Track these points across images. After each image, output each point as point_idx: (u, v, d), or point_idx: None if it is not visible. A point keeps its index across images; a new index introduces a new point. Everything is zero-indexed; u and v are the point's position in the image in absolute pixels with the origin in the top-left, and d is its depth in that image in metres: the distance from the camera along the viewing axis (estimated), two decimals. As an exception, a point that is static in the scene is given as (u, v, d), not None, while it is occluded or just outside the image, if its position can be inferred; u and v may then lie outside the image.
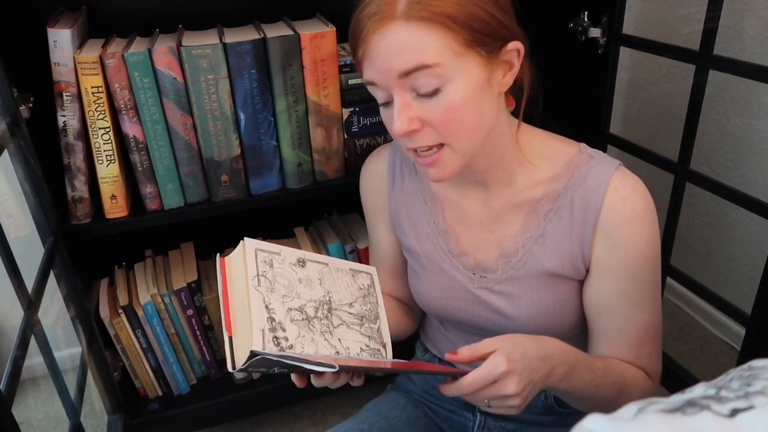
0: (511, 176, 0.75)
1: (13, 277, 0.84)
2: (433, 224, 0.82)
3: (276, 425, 1.37)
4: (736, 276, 1.44)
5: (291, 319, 0.68)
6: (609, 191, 0.70)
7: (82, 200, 0.98)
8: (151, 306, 1.12)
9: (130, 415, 1.18)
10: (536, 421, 0.86)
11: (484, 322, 0.80)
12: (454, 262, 0.80)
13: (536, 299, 0.75)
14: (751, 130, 1.31)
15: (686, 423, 0.32)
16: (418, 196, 0.84)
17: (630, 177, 0.71)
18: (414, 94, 0.65)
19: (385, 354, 0.75)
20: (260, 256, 0.69)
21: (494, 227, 0.78)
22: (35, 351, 0.88)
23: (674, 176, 1.05)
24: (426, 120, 0.66)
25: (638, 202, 0.70)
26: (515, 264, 0.76)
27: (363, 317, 0.75)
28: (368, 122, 1.05)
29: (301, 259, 0.74)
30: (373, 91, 0.69)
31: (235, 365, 0.63)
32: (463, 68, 0.64)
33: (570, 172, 0.73)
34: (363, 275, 0.79)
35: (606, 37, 1.08)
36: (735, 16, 1.26)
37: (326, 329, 0.70)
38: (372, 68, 0.66)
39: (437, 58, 0.62)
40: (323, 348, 0.69)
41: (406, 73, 0.63)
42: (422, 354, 0.95)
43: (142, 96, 0.93)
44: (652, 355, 0.76)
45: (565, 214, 0.73)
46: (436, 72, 0.63)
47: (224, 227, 1.24)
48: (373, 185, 0.89)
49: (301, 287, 0.71)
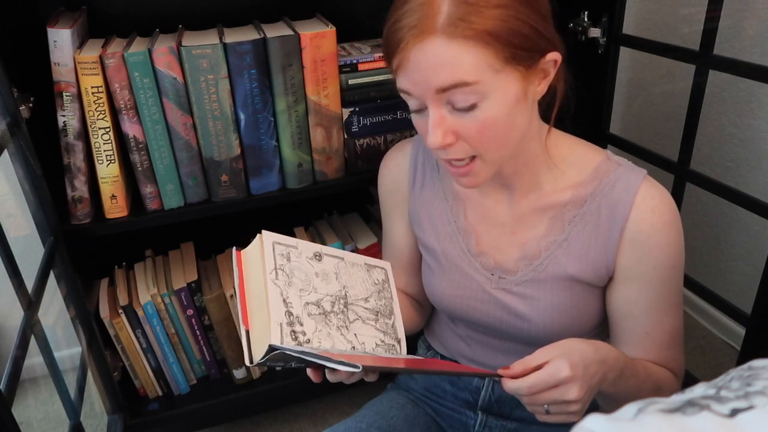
0: (537, 180, 0.76)
1: (13, 277, 0.84)
2: (454, 223, 0.82)
3: (276, 425, 1.37)
4: (736, 276, 1.44)
5: (308, 313, 0.67)
6: (637, 200, 0.70)
7: (82, 200, 0.98)
8: (151, 306, 1.12)
9: (130, 415, 1.18)
10: (537, 420, 0.86)
11: (497, 323, 0.79)
12: (473, 261, 0.80)
13: (555, 303, 0.75)
14: (751, 130, 1.31)
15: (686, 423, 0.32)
16: (440, 194, 0.83)
17: (658, 187, 0.72)
18: (449, 107, 0.65)
19: (400, 350, 0.75)
20: (278, 250, 0.69)
21: (517, 229, 0.78)
22: (35, 351, 0.88)
23: (674, 176, 1.05)
24: (460, 134, 0.66)
25: (666, 212, 0.70)
26: (537, 267, 0.76)
27: (378, 312, 0.75)
28: (368, 122, 1.05)
29: (317, 253, 0.73)
30: (406, 98, 0.68)
31: (252, 359, 0.63)
32: (501, 84, 0.63)
33: (598, 179, 0.74)
34: (378, 270, 0.78)
35: (606, 37, 1.08)
36: (735, 16, 1.26)
37: (342, 324, 0.70)
38: (408, 79, 0.65)
39: (476, 76, 0.62)
40: (339, 343, 0.68)
41: (444, 89, 0.63)
42: (425, 352, 0.95)
43: (142, 96, 0.93)
44: (678, 357, 0.77)
45: (591, 221, 0.73)
46: (474, 89, 0.62)
47: (224, 227, 1.24)
48: (393, 179, 0.88)
49: (318, 281, 0.71)
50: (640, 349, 0.75)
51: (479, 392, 0.87)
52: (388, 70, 1.08)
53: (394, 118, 1.07)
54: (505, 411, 0.86)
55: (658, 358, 0.75)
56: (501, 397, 0.86)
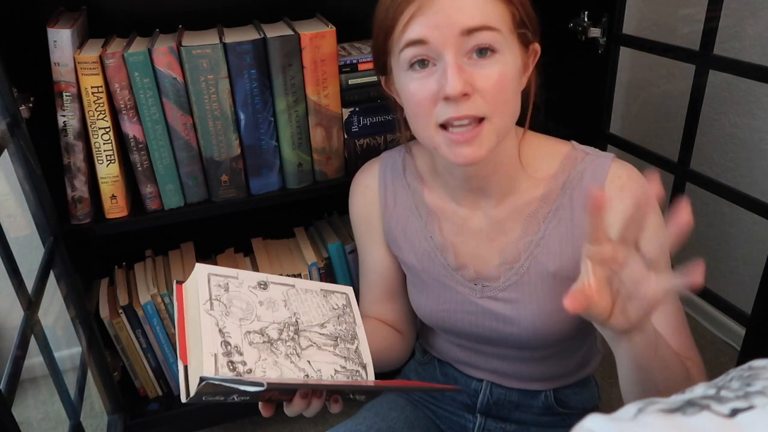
0: (512, 182, 0.75)
1: (13, 277, 0.84)
2: (430, 239, 0.80)
3: (276, 425, 1.37)
4: (736, 276, 1.44)
5: (250, 342, 0.65)
6: (606, 183, 0.70)
7: (82, 200, 0.98)
8: (151, 306, 1.12)
9: (130, 415, 1.18)
10: (537, 422, 0.86)
11: (486, 331, 0.79)
12: (454, 275, 0.79)
13: (540, 302, 0.75)
14: (751, 130, 1.31)
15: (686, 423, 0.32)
16: (413, 211, 0.82)
17: (625, 166, 0.72)
18: (466, 59, 0.64)
19: (365, 375, 0.72)
20: (213, 281, 0.67)
21: (495, 235, 0.77)
22: (35, 351, 0.88)
23: (674, 176, 1.05)
24: (477, 86, 0.64)
25: (634, 187, 0.70)
26: (518, 270, 0.75)
27: (337, 337, 0.72)
28: (368, 122, 1.05)
29: (262, 282, 0.71)
30: (412, 52, 0.65)
31: (189, 394, 0.60)
32: (512, 46, 0.65)
33: (566, 171, 0.73)
34: (337, 295, 0.76)
35: (606, 37, 1.08)
36: (735, 16, 1.26)
37: (292, 351, 0.67)
38: (427, 23, 0.63)
39: (499, 24, 0.63)
40: (289, 371, 0.65)
41: (470, 30, 0.62)
42: (422, 356, 0.95)
43: (142, 96, 0.93)
44: (692, 346, 0.72)
45: (565, 215, 0.73)
46: (496, 37, 0.63)
47: (224, 227, 1.24)
48: (366, 202, 0.86)
49: (263, 309, 0.68)
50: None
51: (477, 395, 0.87)
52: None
53: (395, 118, 1.06)
54: (504, 413, 0.86)
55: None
56: (499, 400, 0.85)
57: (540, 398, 0.84)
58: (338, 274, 1.20)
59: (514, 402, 0.85)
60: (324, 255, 1.19)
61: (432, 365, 0.92)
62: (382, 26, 0.67)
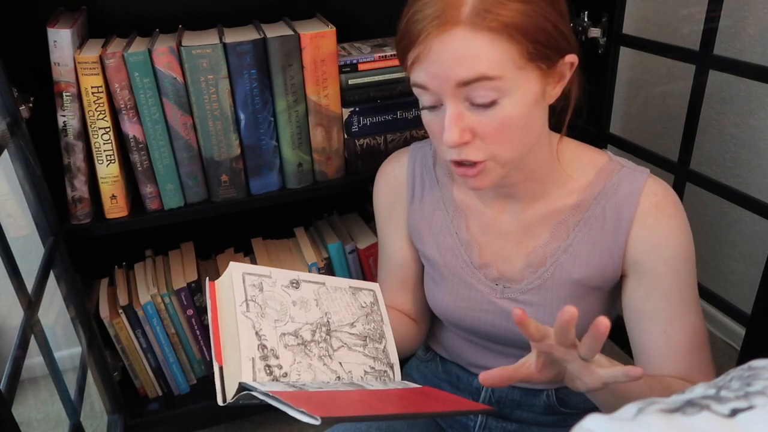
0: (544, 188, 0.74)
1: (13, 277, 0.84)
2: (455, 234, 0.80)
3: (276, 425, 1.37)
4: (736, 276, 1.44)
5: (285, 344, 0.64)
6: (641, 199, 0.70)
7: (82, 200, 0.98)
8: (151, 306, 1.12)
9: (130, 415, 1.18)
10: (537, 422, 0.86)
11: (502, 331, 0.79)
12: (476, 273, 0.79)
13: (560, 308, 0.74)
14: (751, 130, 1.31)
15: (686, 423, 0.32)
16: (440, 206, 0.82)
17: (660, 183, 0.72)
18: (467, 104, 0.63)
19: (392, 375, 0.71)
20: (248, 280, 0.65)
21: (522, 238, 0.77)
22: (35, 351, 0.88)
23: (674, 176, 1.05)
24: (477, 132, 0.64)
25: (669, 205, 0.70)
26: (542, 274, 0.75)
27: (366, 337, 0.71)
28: (368, 122, 1.05)
29: (294, 280, 0.69)
30: (420, 93, 0.66)
31: (225, 398, 0.59)
32: (522, 82, 0.62)
33: (601, 182, 0.73)
34: (365, 293, 0.75)
35: (606, 37, 1.08)
36: (735, 16, 1.26)
37: (325, 353, 0.66)
38: (426, 72, 0.63)
39: (499, 71, 0.60)
40: (322, 374, 0.64)
41: (466, 83, 0.61)
42: (423, 353, 0.95)
43: (142, 96, 0.93)
44: (705, 366, 0.73)
45: (596, 224, 0.73)
46: (496, 85, 0.61)
47: (224, 227, 1.24)
48: (392, 191, 0.86)
49: (296, 310, 0.67)
50: (660, 355, 0.72)
51: (479, 393, 0.87)
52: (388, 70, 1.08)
53: (394, 118, 1.07)
54: (506, 412, 0.86)
55: (682, 366, 0.72)
56: (501, 398, 0.85)
57: (542, 397, 0.84)
58: (338, 274, 1.20)
59: (515, 401, 0.85)
60: (324, 255, 1.19)
61: (434, 362, 0.92)
62: (399, 47, 0.67)
